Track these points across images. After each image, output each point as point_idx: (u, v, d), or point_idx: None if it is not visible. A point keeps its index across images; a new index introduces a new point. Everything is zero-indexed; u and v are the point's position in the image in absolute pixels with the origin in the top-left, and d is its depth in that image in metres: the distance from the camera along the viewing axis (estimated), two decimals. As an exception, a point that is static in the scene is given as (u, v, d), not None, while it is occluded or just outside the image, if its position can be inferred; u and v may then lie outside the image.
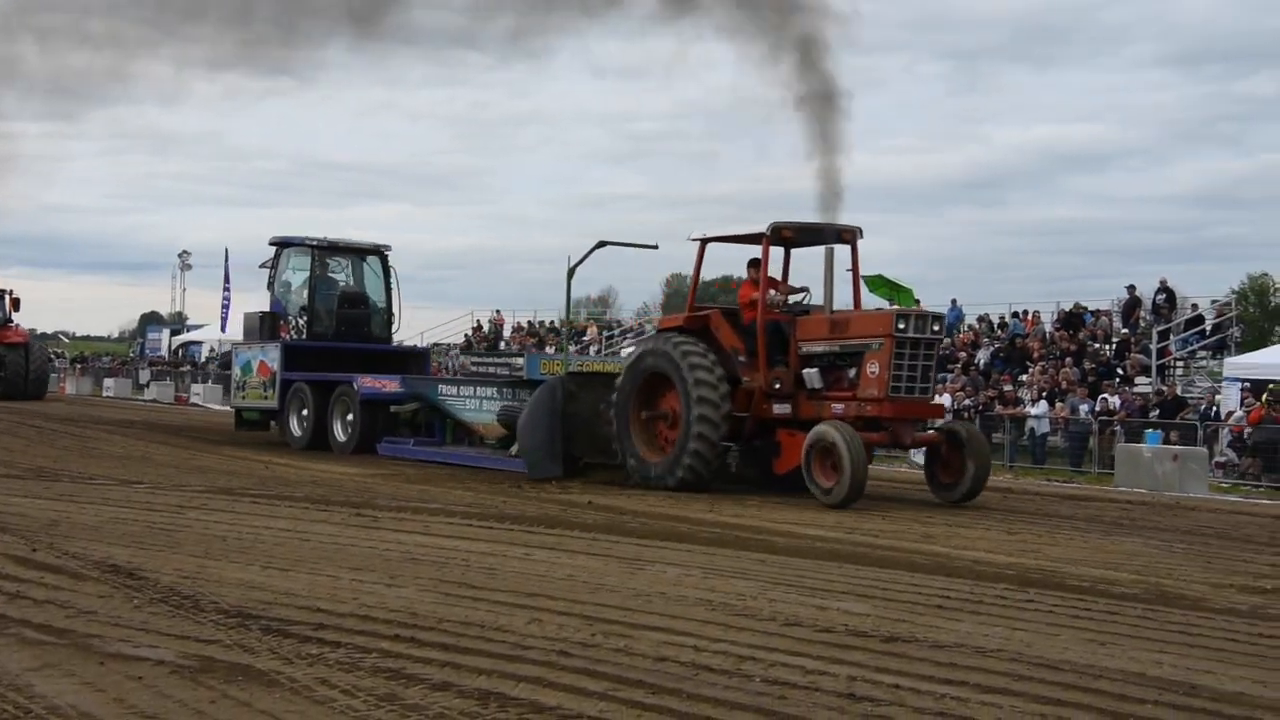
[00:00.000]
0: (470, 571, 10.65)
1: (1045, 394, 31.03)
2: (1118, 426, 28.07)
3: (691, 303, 19.79)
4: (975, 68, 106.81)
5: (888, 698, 6.76)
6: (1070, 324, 37.44)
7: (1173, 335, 35.67)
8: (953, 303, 41.32)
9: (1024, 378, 33.39)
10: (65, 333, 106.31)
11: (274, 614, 8.39)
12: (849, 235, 18.69)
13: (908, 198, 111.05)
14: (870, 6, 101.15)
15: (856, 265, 19.25)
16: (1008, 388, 31.67)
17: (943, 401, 26.31)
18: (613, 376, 20.34)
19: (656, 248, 25.14)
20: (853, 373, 17.65)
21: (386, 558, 11.31)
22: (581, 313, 72.97)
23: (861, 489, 16.69)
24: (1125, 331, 36.59)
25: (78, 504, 14.74)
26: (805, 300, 19.03)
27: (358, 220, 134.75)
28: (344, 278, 28.99)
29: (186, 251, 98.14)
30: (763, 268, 18.59)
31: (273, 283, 28.47)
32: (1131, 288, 38.38)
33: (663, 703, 6.44)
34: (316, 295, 27.93)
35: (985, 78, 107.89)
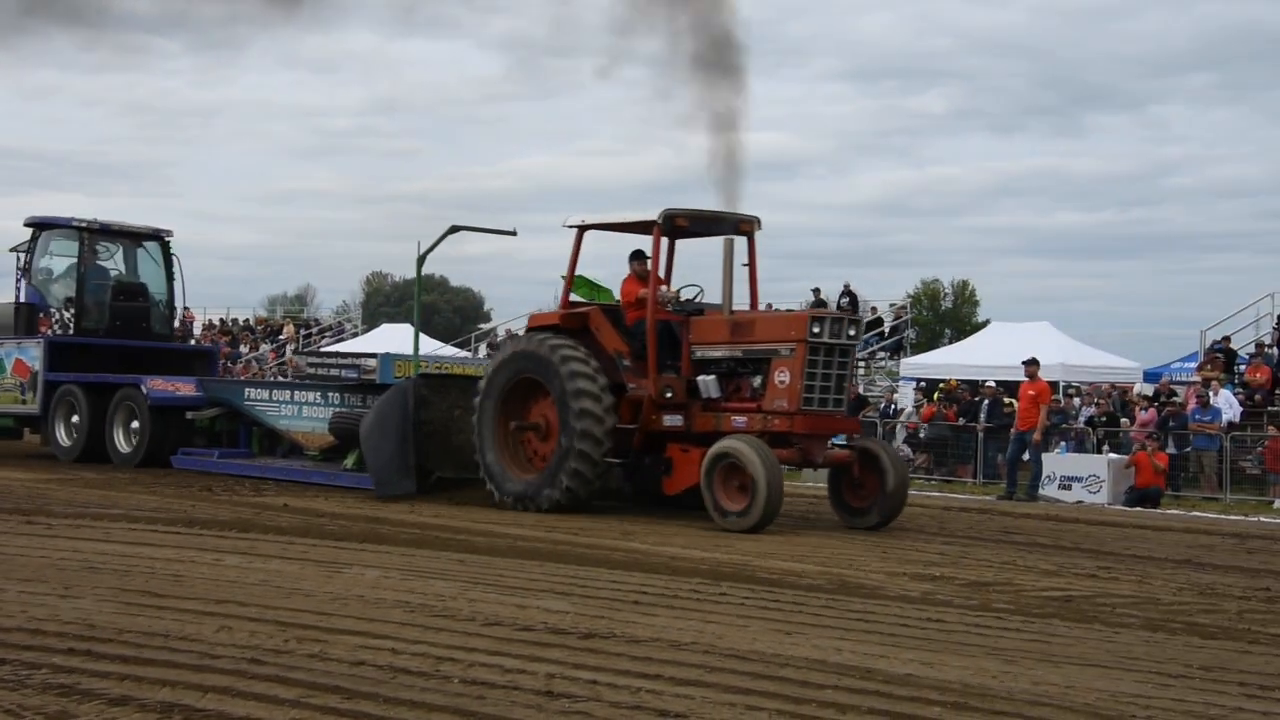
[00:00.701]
0: (154, 579, 10.18)
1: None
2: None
3: (566, 299, 17.45)
4: (672, 75, 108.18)
5: (585, 693, 6.76)
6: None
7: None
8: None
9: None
10: None
11: (-71, 633, 7.85)
12: (747, 226, 16.88)
13: (602, 200, 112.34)
14: (570, 11, 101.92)
15: (754, 259, 17.18)
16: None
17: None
18: (471, 379, 18.27)
19: (515, 234, 22.17)
20: (757, 381, 15.67)
21: (61, 568, 10.71)
22: (278, 310, 71.58)
23: (776, 513, 14.76)
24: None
25: None
26: (699, 298, 17.03)
27: (28, 209, 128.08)
28: (115, 265, 25.27)
29: None
30: (653, 260, 16.45)
31: (29, 269, 24.39)
32: (817, 290, 39.70)
33: (358, 708, 6.30)
34: (86, 285, 24.11)
35: (682, 85, 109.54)
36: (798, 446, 15.29)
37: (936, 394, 30.30)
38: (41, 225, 24.56)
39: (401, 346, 46.45)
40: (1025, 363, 24.14)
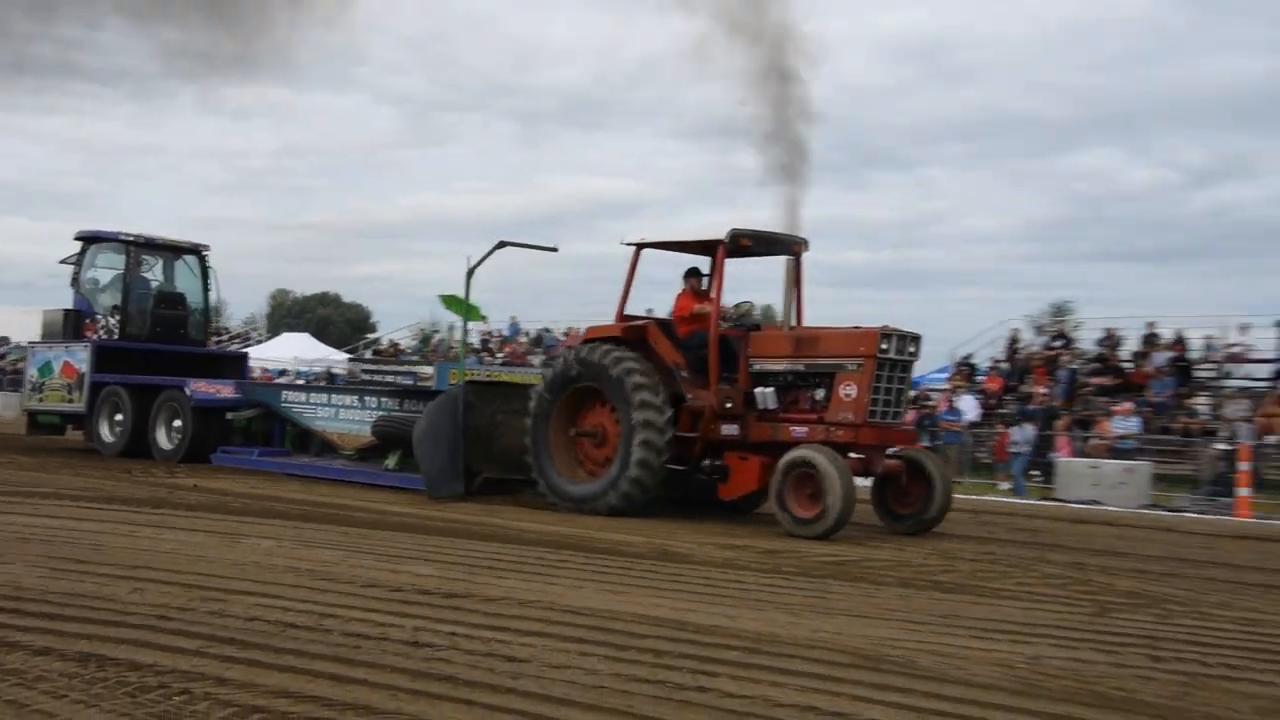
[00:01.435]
0: (77, 548, 9.82)
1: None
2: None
3: (621, 312, 15.10)
4: (537, 128, 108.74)
5: (445, 644, 6.71)
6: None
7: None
8: (512, 320, 42.19)
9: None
10: None
11: None
12: (798, 247, 14.69)
13: (477, 232, 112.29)
14: (451, 74, 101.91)
15: (801, 279, 14.94)
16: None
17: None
18: (513, 386, 16.43)
19: (556, 250, 19.48)
20: (819, 394, 13.64)
21: (-6, 538, 10.30)
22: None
23: (846, 522, 12.77)
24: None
25: None
26: (752, 314, 15.17)
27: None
28: (155, 276, 22.98)
29: None
30: (716, 277, 14.40)
31: (77, 279, 22.34)
32: (650, 310, 39.71)
33: (251, 656, 6.18)
34: (130, 294, 22.09)
35: (545, 137, 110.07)
36: (861, 456, 13.49)
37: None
38: (90, 239, 22.49)
39: (303, 352, 45.97)
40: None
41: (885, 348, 13.13)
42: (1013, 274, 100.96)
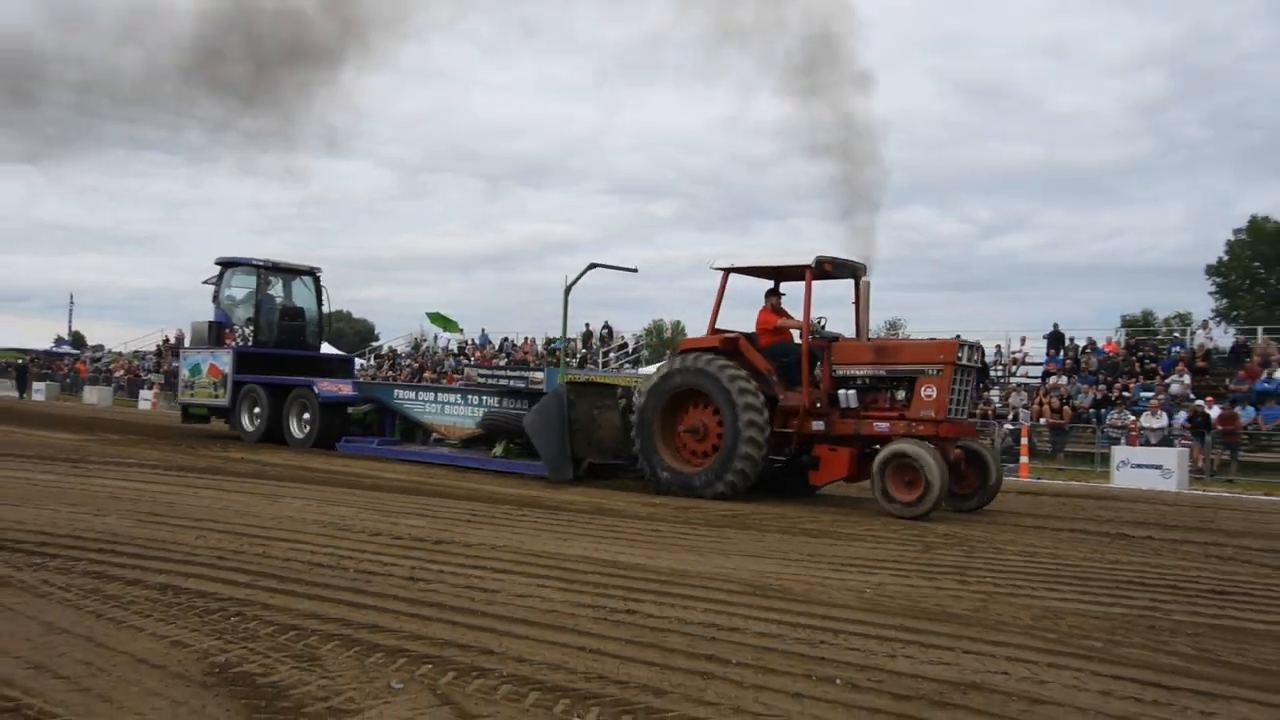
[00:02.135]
0: (156, 504, 9.68)
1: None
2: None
3: (712, 327, 13.65)
4: (496, 187, 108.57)
5: (435, 579, 6.68)
6: (549, 345, 38.51)
7: (612, 355, 37.02)
8: (483, 331, 42.14)
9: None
10: None
11: (7, 537, 7.43)
12: (863, 271, 13.49)
13: (452, 265, 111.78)
14: (430, 145, 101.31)
15: (860, 298, 13.36)
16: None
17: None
18: (605, 386, 15.17)
19: (636, 271, 18.13)
20: (900, 394, 12.56)
21: (95, 496, 10.16)
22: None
23: (941, 504, 11.73)
24: (584, 351, 37.76)
25: None
26: (824, 326, 13.39)
27: (78, 265, 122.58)
28: (280, 294, 21.92)
29: None
30: (806, 296, 12.94)
31: (218, 296, 21.38)
32: (587, 325, 39.85)
33: (288, 588, 6.12)
34: (262, 309, 21.20)
35: (504, 192, 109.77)
36: (939, 447, 12.05)
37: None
38: (227, 264, 21.41)
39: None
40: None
41: (962, 355, 12.30)
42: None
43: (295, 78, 20.95)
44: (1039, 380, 28.85)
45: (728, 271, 13.65)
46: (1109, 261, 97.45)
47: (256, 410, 19.93)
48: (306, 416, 19.15)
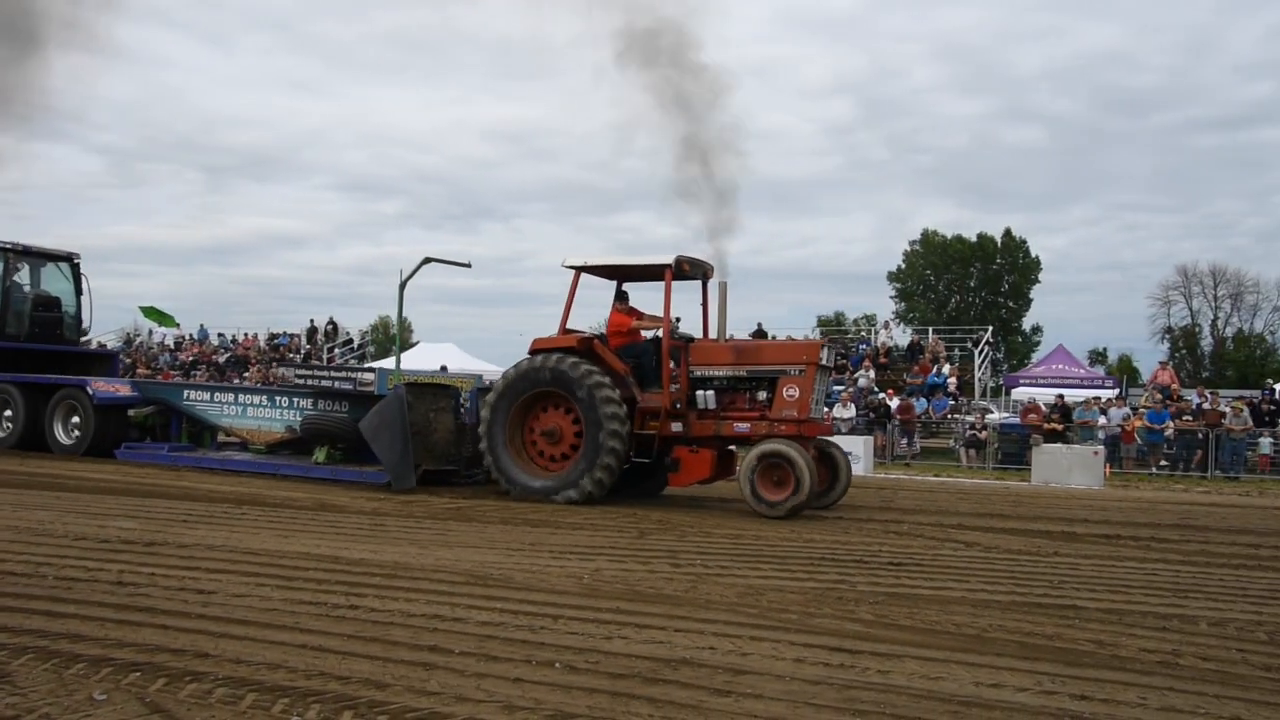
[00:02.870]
0: None
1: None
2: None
3: (564, 327, 12.62)
4: (219, 179, 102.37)
5: (146, 582, 6.26)
6: (272, 340, 36.93)
7: (337, 351, 35.98)
8: (201, 326, 40.00)
9: (246, 374, 32.29)
10: None
11: None
12: (711, 272, 12.79)
13: (169, 257, 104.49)
14: (149, 132, 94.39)
15: (716, 299, 12.77)
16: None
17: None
18: (441, 387, 13.95)
19: (470, 266, 16.32)
20: (761, 395, 11.98)
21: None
22: None
23: (810, 503, 11.36)
24: (308, 347, 36.51)
25: None
26: (678, 328, 12.70)
27: None
28: (31, 281, 18.43)
29: None
30: (665, 295, 12.10)
31: None
32: (312, 320, 38.56)
33: (-24, 600, 5.57)
34: (10, 297, 17.82)
35: (226, 185, 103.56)
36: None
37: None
38: None
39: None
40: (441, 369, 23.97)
41: (825, 355, 11.94)
42: (579, 297, 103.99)
43: None
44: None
45: (579, 270, 12.77)
46: (804, 267, 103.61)
47: (8, 413, 16.78)
48: (76, 420, 16.30)
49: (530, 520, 10.29)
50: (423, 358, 33.07)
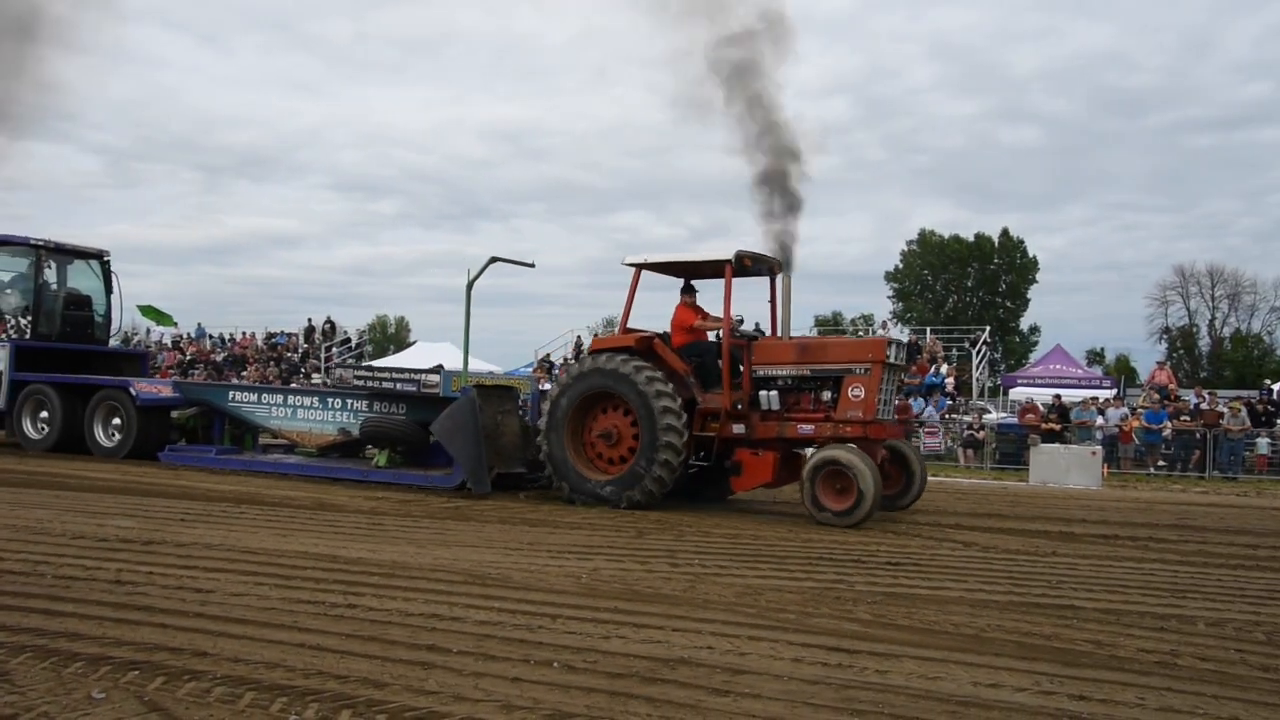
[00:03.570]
0: None
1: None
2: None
3: (625, 326, 12.46)
4: (216, 178, 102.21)
5: (144, 580, 6.26)
6: (270, 339, 36.93)
7: (335, 350, 36.00)
8: (199, 325, 39.97)
9: (244, 373, 32.26)
10: None
11: None
12: (778, 268, 12.18)
13: (166, 257, 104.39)
14: (145, 132, 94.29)
15: (776, 295, 12.41)
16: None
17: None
18: (506, 388, 13.58)
19: (534, 266, 15.26)
20: (825, 395, 11.50)
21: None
22: None
23: (875, 512, 10.72)
24: (305, 346, 36.48)
25: None
26: (742, 326, 12.10)
27: None
28: (58, 279, 17.70)
29: None
30: (726, 292, 11.64)
31: None
32: (310, 320, 38.55)
33: (-26, 599, 5.56)
34: (43, 296, 17.17)
35: (222, 184, 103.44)
36: (868, 450, 11.02)
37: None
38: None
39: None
40: (434, 368, 23.66)
41: (890, 354, 11.27)
42: (577, 297, 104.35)
43: None
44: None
45: (640, 268, 12.33)
46: (803, 266, 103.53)
47: (44, 415, 16.33)
48: (117, 422, 15.84)
49: (528, 520, 10.29)
50: (421, 358, 33.03)
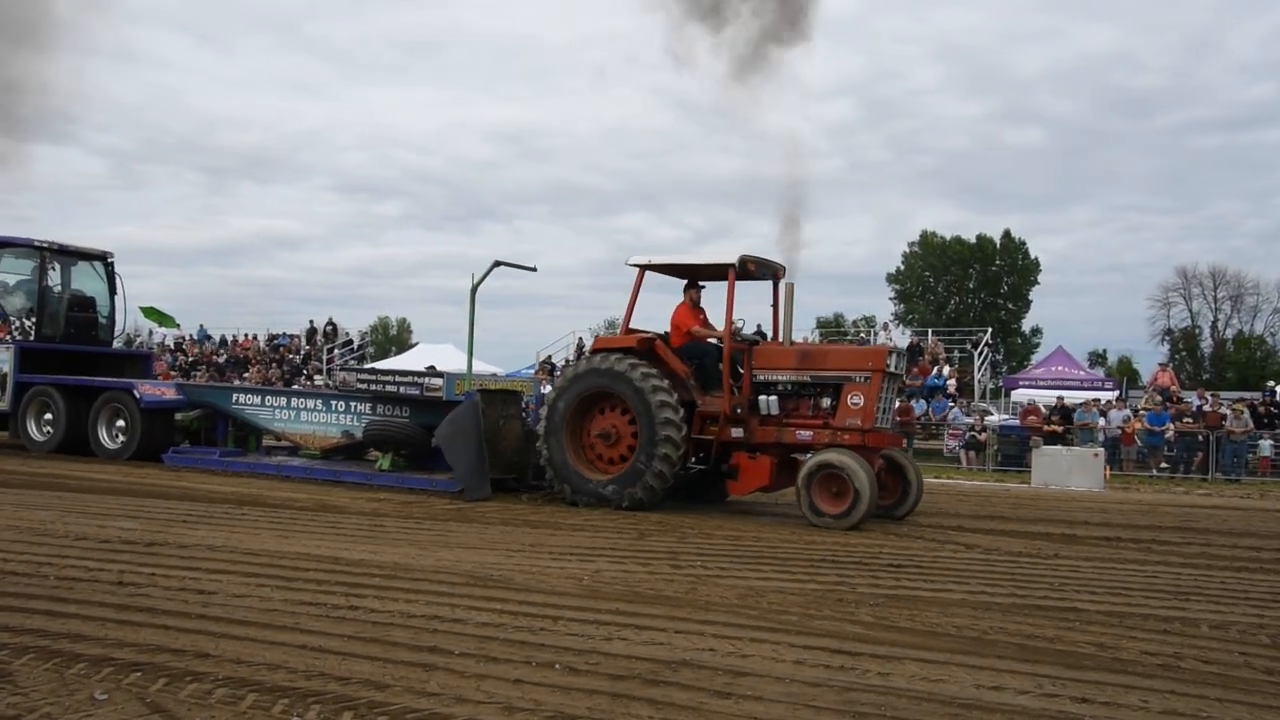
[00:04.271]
0: None
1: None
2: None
3: (627, 326, 12.34)
4: (219, 180, 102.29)
5: (146, 582, 6.26)
6: (272, 341, 36.92)
7: (337, 352, 36.01)
8: (201, 326, 40.08)
9: (246, 375, 32.28)
10: None
11: None
12: (782, 273, 12.21)
13: (171, 258, 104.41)
14: (149, 134, 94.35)
15: (779, 300, 12.37)
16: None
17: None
18: (511, 392, 13.43)
19: (535, 270, 15.04)
20: (825, 401, 11.41)
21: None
22: None
23: (870, 515, 10.72)
24: (308, 348, 36.49)
25: None
26: (743, 330, 12.04)
27: None
28: (62, 281, 17.57)
29: None
30: (729, 296, 11.56)
31: None
32: (312, 321, 38.57)
33: (-24, 600, 5.57)
34: (47, 298, 17.07)
35: (226, 186, 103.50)
36: (865, 457, 10.97)
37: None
38: (1, 243, 17.15)
39: None
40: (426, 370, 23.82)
41: (890, 362, 11.30)
42: (580, 298, 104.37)
43: None
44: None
45: (644, 268, 12.26)
46: (805, 268, 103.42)
47: (48, 416, 16.19)
48: (121, 424, 15.72)
49: (530, 521, 10.28)
50: (423, 359, 33.05)
